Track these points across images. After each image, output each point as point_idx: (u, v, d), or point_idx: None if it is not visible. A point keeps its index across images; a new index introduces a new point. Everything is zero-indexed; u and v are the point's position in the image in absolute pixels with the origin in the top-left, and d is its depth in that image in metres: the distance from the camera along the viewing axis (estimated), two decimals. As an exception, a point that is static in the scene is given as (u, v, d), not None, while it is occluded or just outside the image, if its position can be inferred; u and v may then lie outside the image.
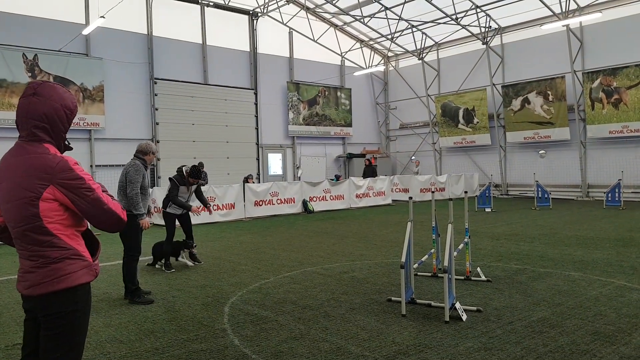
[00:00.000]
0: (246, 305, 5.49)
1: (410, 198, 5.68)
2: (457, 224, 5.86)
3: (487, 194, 15.81)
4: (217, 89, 19.57)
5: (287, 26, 21.67)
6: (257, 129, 20.72)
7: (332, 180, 17.80)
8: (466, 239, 6.40)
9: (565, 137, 18.87)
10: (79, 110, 15.88)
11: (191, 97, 18.81)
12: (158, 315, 5.24)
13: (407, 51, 23.79)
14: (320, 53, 23.06)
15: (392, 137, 26.07)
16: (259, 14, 20.70)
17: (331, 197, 16.75)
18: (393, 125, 25.88)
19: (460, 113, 22.01)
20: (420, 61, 23.11)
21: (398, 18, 20.29)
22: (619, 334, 4.27)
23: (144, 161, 6.08)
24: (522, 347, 4.04)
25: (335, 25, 23.28)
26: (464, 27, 20.08)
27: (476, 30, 20.40)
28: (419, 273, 6.56)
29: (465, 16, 19.49)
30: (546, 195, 15.93)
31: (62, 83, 11.58)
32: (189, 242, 7.86)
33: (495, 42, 20.91)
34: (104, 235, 4.36)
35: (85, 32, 15.63)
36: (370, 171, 19.82)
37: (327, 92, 23.30)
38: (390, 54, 25.27)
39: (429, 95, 23.23)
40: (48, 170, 2.17)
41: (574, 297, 5.47)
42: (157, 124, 18.02)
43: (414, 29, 21.54)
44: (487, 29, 20.38)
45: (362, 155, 23.21)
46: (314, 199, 16.30)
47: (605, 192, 15.82)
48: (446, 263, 4.77)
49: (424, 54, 23.04)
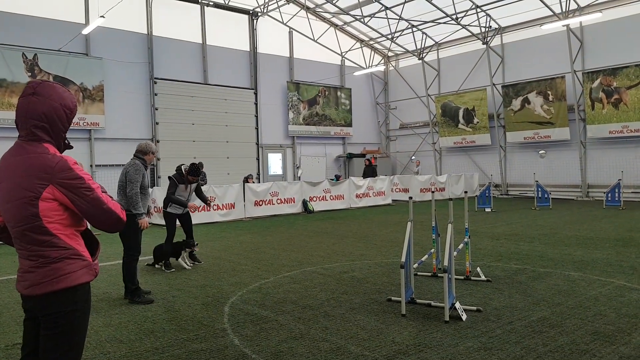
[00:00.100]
0: (246, 305, 5.49)
1: (410, 198, 5.68)
2: (457, 223, 5.86)
3: (487, 194, 15.81)
4: (217, 89, 19.57)
5: (287, 26, 21.67)
6: (257, 128, 20.72)
7: (332, 180, 17.80)
8: (466, 239, 6.40)
9: (565, 137, 18.87)
10: (79, 110, 15.88)
11: (191, 97, 18.80)
12: (158, 315, 5.24)
13: (407, 51, 23.78)
14: (320, 53, 23.07)
15: (392, 137, 26.07)
16: (259, 14, 20.69)
17: (331, 197, 16.75)
18: (393, 125, 25.88)
19: (460, 113, 22.01)
20: (421, 61, 23.11)
21: (398, 18, 20.29)
22: (619, 334, 4.27)
23: (144, 161, 6.09)
24: (522, 347, 4.05)
25: (335, 25, 23.28)
26: (464, 27, 20.08)
27: (476, 30, 20.40)
28: (419, 273, 6.56)
29: (465, 16, 19.50)
30: (546, 195, 15.93)
31: (62, 83, 11.55)
32: (190, 241, 7.85)
33: (496, 42, 20.91)
34: (103, 235, 4.34)
35: (85, 31, 15.64)
36: (370, 171, 19.82)
37: (327, 92, 23.29)
38: (390, 53, 25.27)
39: (429, 95, 23.23)
40: (47, 170, 2.17)
41: (573, 297, 5.47)
42: (157, 123, 18.02)
43: (414, 29, 21.53)
44: (487, 29, 20.38)
45: (362, 155, 23.21)
46: (314, 198, 16.30)
47: (605, 192, 15.82)
48: (446, 263, 4.77)
49: (424, 54, 23.04)
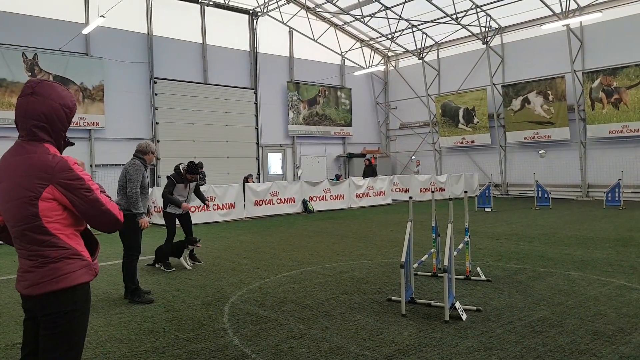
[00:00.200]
0: (246, 305, 5.49)
1: (410, 198, 5.68)
2: (457, 223, 5.86)
3: (487, 194, 15.81)
4: (217, 89, 19.56)
5: (287, 26, 21.67)
6: (257, 128, 20.71)
7: (332, 180, 17.79)
8: (466, 239, 6.40)
9: (565, 137, 18.87)
10: (79, 109, 15.88)
11: (191, 97, 18.80)
12: (158, 315, 5.24)
13: (407, 51, 23.78)
14: (320, 53, 23.06)
15: (392, 137, 26.06)
16: (259, 14, 20.69)
17: (331, 197, 16.75)
18: (393, 125, 25.87)
19: (460, 113, 22.00)
20: (421, 61, 23.11)
21: (398, 18, 20.29)
22: (619, 334, 4.27)
23: (144, 160, 6.09)
24: (522, 347, 4.05)
25: (335, 25, 23.27)
26: (464, 26, 20.08)
27: (476, 30, 20.39)
28: (418, 273, 6.56)
29: (465, 16, 19.49)
30: (546, 195, 15.93)
31: (62, 82, 11.56)
32: (193, 238, 7.81)
33: (496, 41, 20.90)
34: (103, 235, 4.36)
35: (85, 31, 15.63)
36: (370, 171, 19.82)
37: (327, 92, 23.29)
38: (390, 53, 25.27)
39: (429, 95, 23.22)
40: (48, 170, 2.17)
41: (573, 296, 5.47)
42: (157, 123, 18.01)
43: (414, 29, 21.53)
44: (487, 29, 20.38)
45: (362, 155, 23.20)
46: (314, 198, 16.30)
47: (605, 192, 15.82)
48: (446, 263, 4.77)
49: (424, 54, 23.04)
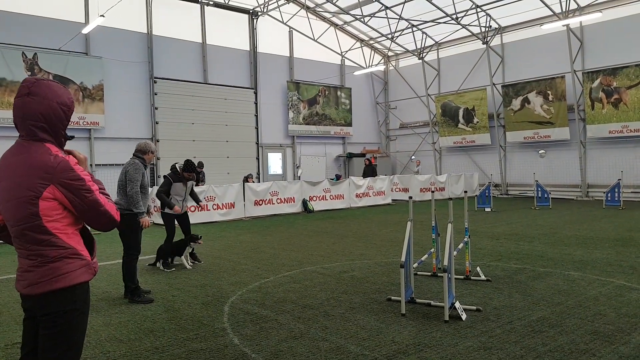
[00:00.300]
0: (246, 305, 5.49)
1: (410, 198, 5.68)
2: (456, 223, 5.86)
3: (486, 194, 15.80)
4: (217, 88, 19.55)
5: (287, 25, 21.66)
6: (257, 128, 20.70)
7: (332, 179, 17.79)
8: (466, 239, 6.40)
9: (565, 137, 18.87)
10: (79, 109, 15.88)
11: (191, 97, 18.79)
12: (158, 315, 5.24)
13: (407, 51, 23.77)
14: (320, 52, 23.05)
15: (392, 136, 26.06)
16: (259, 13, 20.68)
17: (331, 197, 16.75)
18: (393, 125, 25.87)
19: (460, 113, 22.00)
20: (421, 61, 23.10)
21: (398, 17, 20.28)
22: (619, 334, 4.27)
23: (144, 160, 6.09)
24: (522, 347, 4.05)
25: (335, 25, 23.26)
26: (464, 26, 20.08)
27: (476, 30, 20.39)
28: (418, 272, 6.56)
29: (465, 16, 19.49)
30: (546, 195, 15.93)
31: (61, 82, 11.56)
32: (194, 235, 7.75)
33: (495, 41, 20.90)
34: (103, 235, 4.35)
35: (85, 31, 15.62)
36: (370, 171, 19.82)
37: (327, 92, 23.28)
38: (390, 53, 25.26)
39: (429, 94, 23.22)
40: (49, 170, 2.17)
41: (573, 296, 5.47)
42: (157, 123, 18.01)
43: (414, 29, 21.52)
44: (487, 29, 20.38)
45: (362, 155, 23.20)
46: (314, 198, 16.29)
47: (604, 192, 15.82)
48: (446, 262, 4.77)
49: (424, 54, 23.04)
